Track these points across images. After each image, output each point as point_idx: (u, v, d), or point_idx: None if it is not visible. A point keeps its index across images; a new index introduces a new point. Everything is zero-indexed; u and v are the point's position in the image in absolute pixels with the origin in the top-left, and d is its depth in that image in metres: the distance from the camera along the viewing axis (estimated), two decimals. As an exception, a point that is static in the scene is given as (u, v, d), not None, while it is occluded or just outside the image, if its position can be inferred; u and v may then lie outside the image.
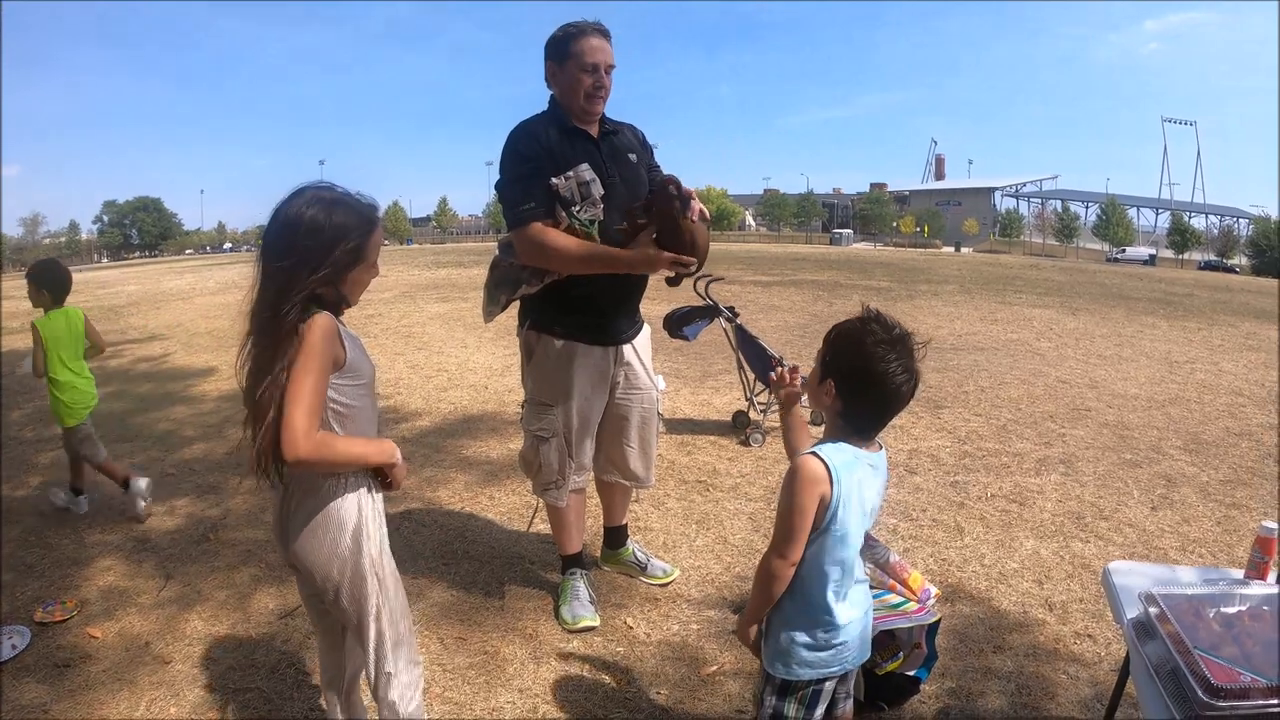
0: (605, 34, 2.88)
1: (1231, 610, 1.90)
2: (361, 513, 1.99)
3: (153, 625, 3.18)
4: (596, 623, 3.14)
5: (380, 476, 2.05)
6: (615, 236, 2.82)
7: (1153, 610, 1.88)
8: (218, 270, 29.76)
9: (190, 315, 14.23)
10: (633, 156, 3.04)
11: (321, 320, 1.86)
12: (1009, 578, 3.57)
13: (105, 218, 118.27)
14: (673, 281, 2.95)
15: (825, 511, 1.75)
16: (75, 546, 3.95)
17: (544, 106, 2.96)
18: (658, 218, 2.72)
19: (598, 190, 2.81)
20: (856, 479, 1.78)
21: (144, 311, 15.42)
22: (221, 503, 4.51)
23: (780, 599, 1.84)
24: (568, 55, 2.85)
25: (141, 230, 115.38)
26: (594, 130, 2.95)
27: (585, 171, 2.79)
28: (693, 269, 2.78)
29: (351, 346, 1.95)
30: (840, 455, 1.77)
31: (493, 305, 3.10)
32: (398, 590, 2.09)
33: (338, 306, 1.96)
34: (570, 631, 3.11)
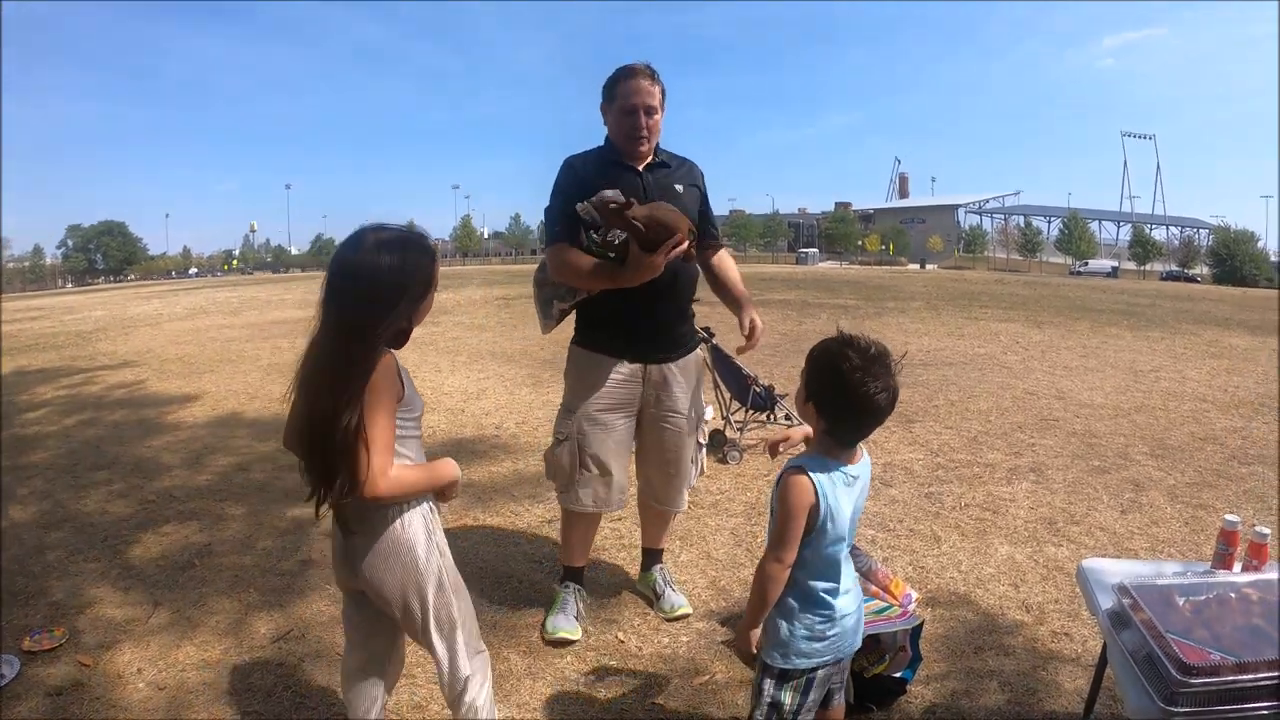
0: (650, 76, 2.99)
1: (1200, 598, 2.00)
2: (427, 528, 2.07)
3: (144, 652, 3.17)
4: (574, 636, 3.20)
5: (439, 491, 2.14)
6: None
7: (1126, 601, 1.98)
8: (185, 295, 29.53)
9: (160, 341, 14.12)
10: (679, 187, 3.11)
11: (389, 362, 1.94)
12: (986, 582, 3.67)
13: (70, 242, 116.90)
14: (693, 258, 2.99)
15: (815, 520, 1.91)
16: (61, 574, 3.92)
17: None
18: (624, 231, 2.78)
19: None
20: (837, 491, 1.93)
21: (112, 337, 15.28)
22: (205, 529, 4.48)
23: (781, 595, 1.97)
24: (614, 97, 3.01)
25: (106, 255, 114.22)
26: (643, 162, 3.08)
27: (608, 195, 2.83)
28: (687, 240, 2.78)
29: (406, 381, 2.03)
30: (825, 471, 1.93)
31: (546, 319, 3.23)
32: (466, 596, 2.19)
33: (405, 335, 2.04)
34: (547, 642, 3.19)
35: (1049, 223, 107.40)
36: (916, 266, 76.19)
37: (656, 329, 3.11)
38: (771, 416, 5.97)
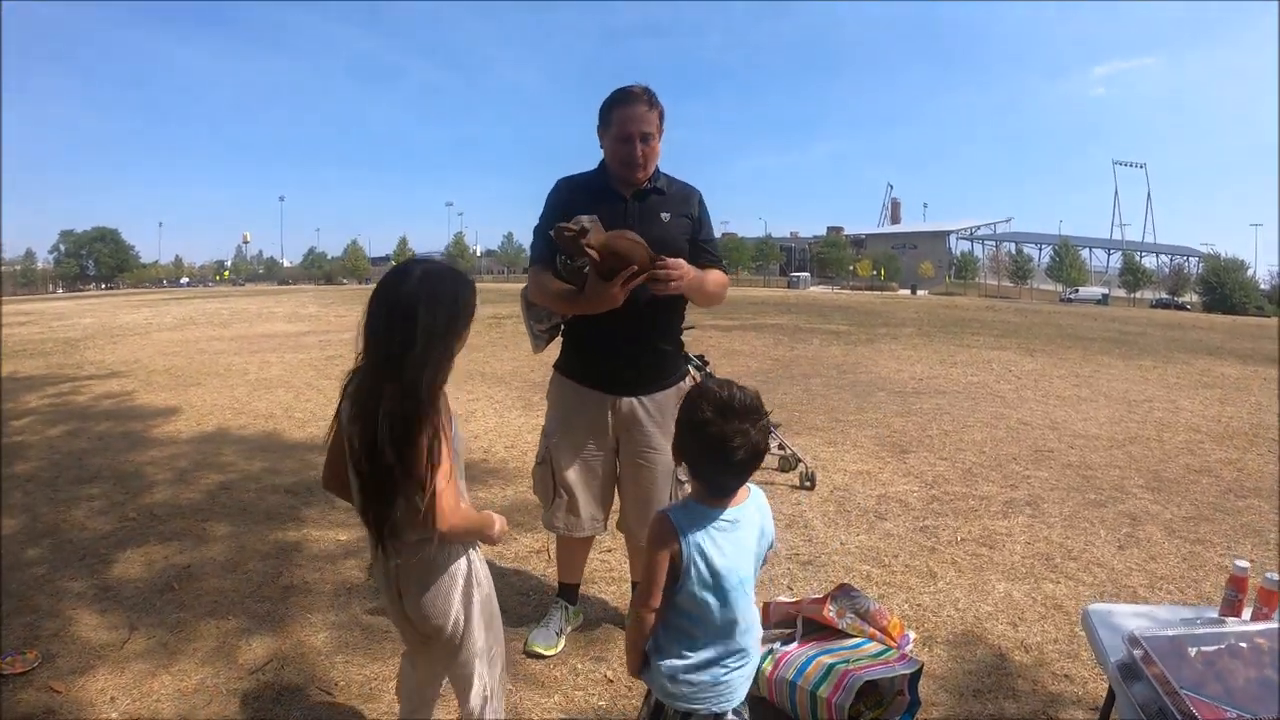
0: (648, 101, 2.93)
1: (1212, 649, 1.94)
2: (469, 560, 2.10)
3: (118, 679, 3.08)
4: (548, 652, 3.23)
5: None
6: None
7: (1137, 652, 1.91)
8: (175, 305, 29.47)
9: (148, 352, 14.05)
10: (665, 215, 3.02)
11: (444, 399, 1.95)
12: (984, 621, 3.59)
13: (63, 247, 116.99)
14: (660, 291, 2.81)
15: (679, 565, 1.86)
16: (37, 593, 3.83)
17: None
18: (584, 261, 2.73)
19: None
20: (706, 537, 1.87)
21: (100, 346, 15.25)
22: (186, 550, 4.38)
23: (657, 631, 1.93)
24: (610, 123, 2.94)
25: (98, 261, 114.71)
26: (634, 189, 3.01)
27: (584, 221, 2.80)
28: (644, 271, 2.68)
29: (450, 413, 2.01)
30: (691, 516, 1.89)
31: (534, 339, 3.23)
32: (500, 636, 2.24)
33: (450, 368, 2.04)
34: (524, 651, 3.24)
35: (1040, 250, 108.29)
36: (907, 292, 76.57)
37: (625, 360, 3.04)
38: (765, 447, 5.88)
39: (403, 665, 2.43)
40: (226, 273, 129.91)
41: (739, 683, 1.94)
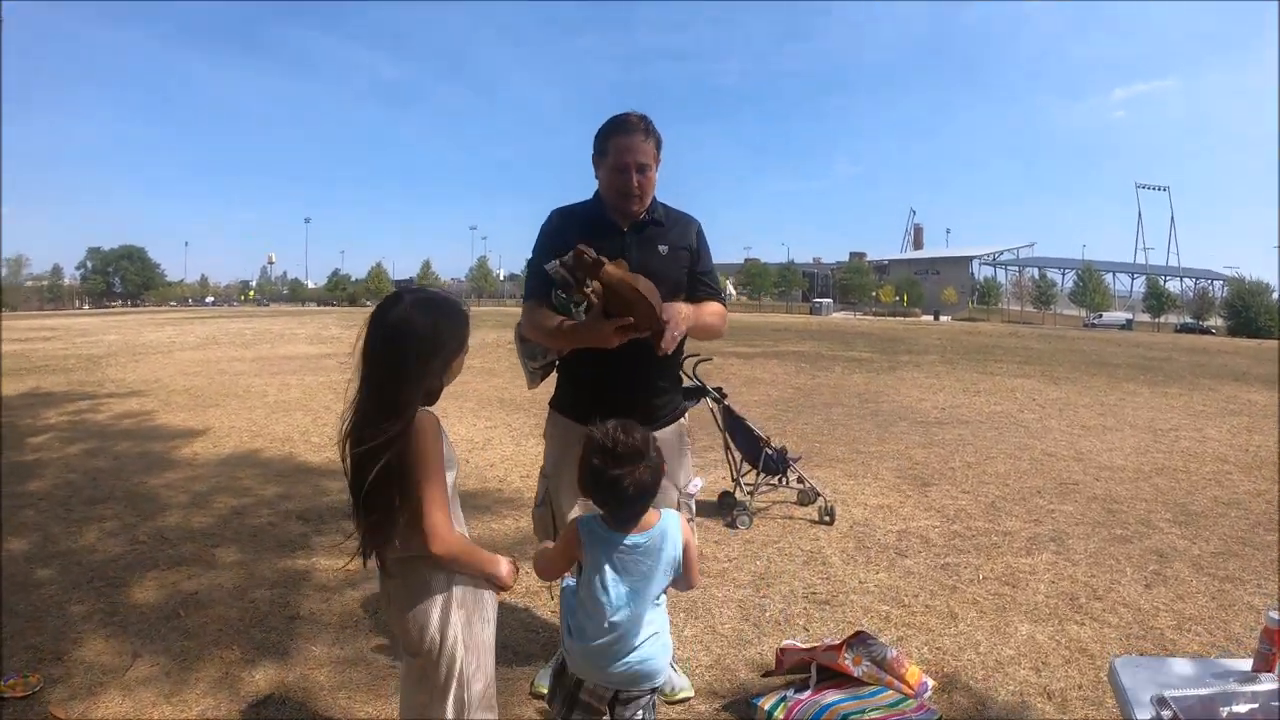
0: (644, 131, 2.82)
1: (1243, 709, 1.84)
2: (463, 591, 2.12)
3: (119, 708, 3.03)
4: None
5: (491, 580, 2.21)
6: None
7: (1166, 714, 1.82)
8: (199, 324, 29.74)
9: (169, 371, 14.15)
10: (663, 248, 2.92)
11: (430, 421, 2.01)
12: (1005, 665, 3.47)
13: (89, 264, 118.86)
14: (662, 351, 2.69)
15: (582, 557, 2.17)
16: (44, 615, 3.81)
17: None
18: (582, 298, 2.65)
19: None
20: (605, 557, 2.12)
21: (122, 364, 15.39)
22: (195, 576, 4.34)
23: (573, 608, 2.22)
24: (605, 152, 2.84)
25: (124, 279, 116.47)
26: (631, 220, 2.91)
27: (582, 247, 2.74)
28: (648, 328, 2.57)
29: (446, 441, 2.08)
30: (594, 529, 2.15)
31: (528, 375, 3.18)
32: (487, 668, 2.21)
33: (435, 395, 2.11)
34: (530, 693, 3.17)
35: (1063, 275, 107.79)
36: (930, 318, 76.26)
37: (621, 398, 2.85)
38: (783, 479, 5.79)
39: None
40: (251, 293, 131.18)
41: (623, 669, 2.15)
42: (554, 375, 3.15)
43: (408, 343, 2.00)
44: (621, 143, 2.79)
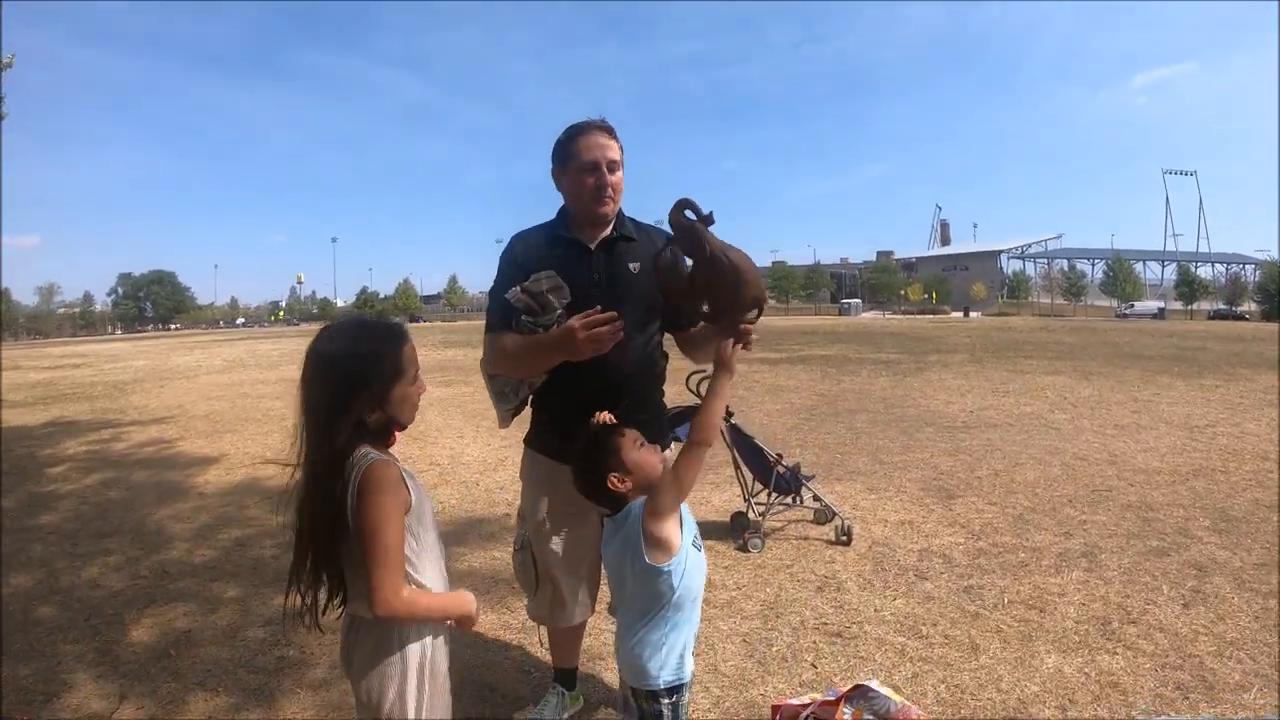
0: (607, 130, 2.66)
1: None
2: (424, 653, 1.96)
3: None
4: None
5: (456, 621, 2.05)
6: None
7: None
8: (226, 346, 30.10)
9: (192, 396, 14.26)
10: (634, 266, 2.69)
11: (381, 470, 1.84)
12: (1029, 704, 3.21)
13: (120, 290, 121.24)
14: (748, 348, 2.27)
15: None
16: (39, 655, 3.79)
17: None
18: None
19: (559, 299, 2.56)
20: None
21: (148, 390, 15.58)
22: (190, 613, 4.28)
23: (669, 614, 2.12)
24: (568, 157, 2.66)
25: (155, 303, 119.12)
26: (599, 236, 2.71)
27: (544, 280, 2.56)
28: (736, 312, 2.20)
29: (413, 485, 1.93)
30: None
31: (502, 418, 2.95)
32: None
33: (389, 430, 1.96)
34: None
35: (1093, 265, 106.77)
36: (960, 315, 75.63)
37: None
38: (798, 499, 5.54)
39: None
40: (281, 313, 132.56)
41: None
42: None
43: (329, 377, 1.86)
44: (588, 141, 2.63)
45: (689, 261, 2.22)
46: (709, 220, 2.11)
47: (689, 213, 2.13)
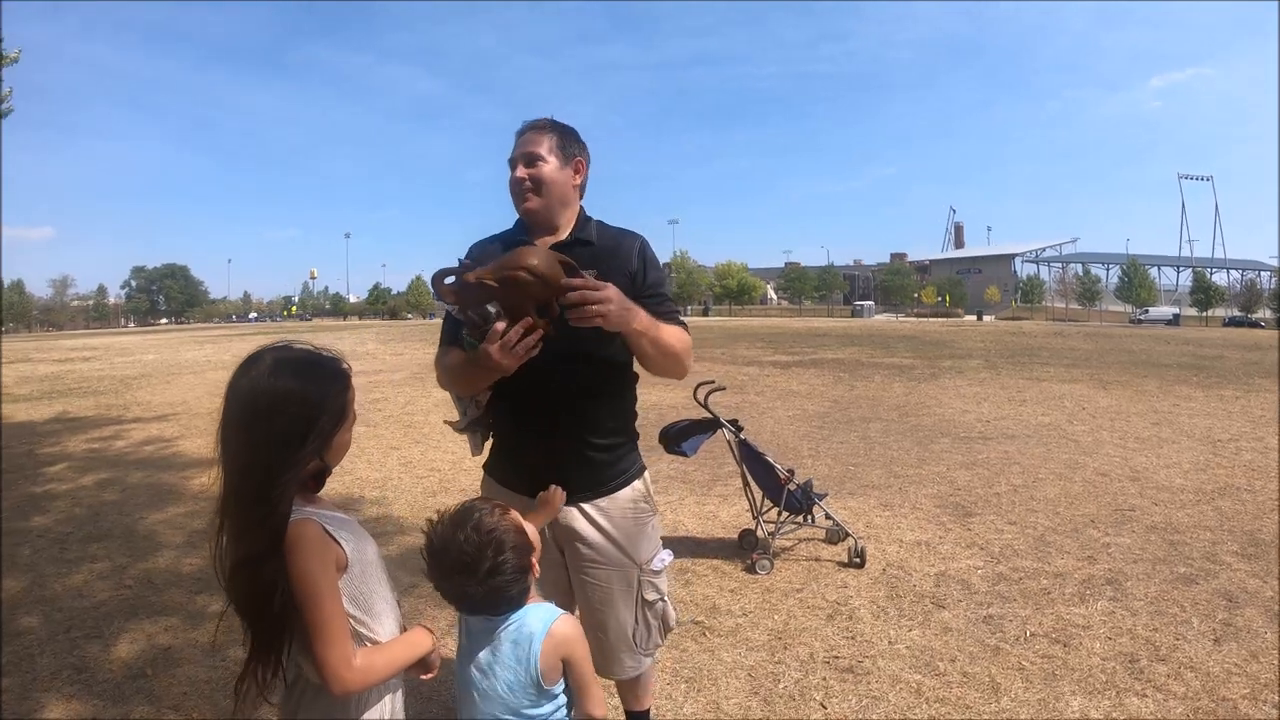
0: (540, 126, 2.46)
1: None
2: (383, 712, 1.76)
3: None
4: None
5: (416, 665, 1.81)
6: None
7: None
8: (238, 341, 29.94)
9: (198, 393, 14.16)
10: (591, 273, 2.31)
11: (304, 531, 1.60)
12: (1055, 756, 3.00)
13: (134, 283, 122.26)
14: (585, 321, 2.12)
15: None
16: (13, 672, 3.68)
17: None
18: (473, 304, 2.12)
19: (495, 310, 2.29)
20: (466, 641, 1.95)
21: (153, 385, 15.53)
22: (172, 628, 4.14)
23: None
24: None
25: (168, 296, 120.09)
26: (552, 241, 2.46)
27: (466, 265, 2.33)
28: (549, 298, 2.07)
29: (347, 536, 1.69)
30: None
31: (473, 447, 2.70)
32: None
33: (321, 478, 1.72)
34: None
35: (1107, 270, 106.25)
36: (973, 318, 75.29)
37: (543, 459, 2.42)
38: (809, 517, 5.32)
39: None
40: (294, 308, 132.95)
41: None
42: None
43: (273, 419, 1.57)
44: (517, 141, 2.46)
45: (491, 309, 2.05)
46: (468, 267, 2.04)
47: (448, 279, 2.07)
